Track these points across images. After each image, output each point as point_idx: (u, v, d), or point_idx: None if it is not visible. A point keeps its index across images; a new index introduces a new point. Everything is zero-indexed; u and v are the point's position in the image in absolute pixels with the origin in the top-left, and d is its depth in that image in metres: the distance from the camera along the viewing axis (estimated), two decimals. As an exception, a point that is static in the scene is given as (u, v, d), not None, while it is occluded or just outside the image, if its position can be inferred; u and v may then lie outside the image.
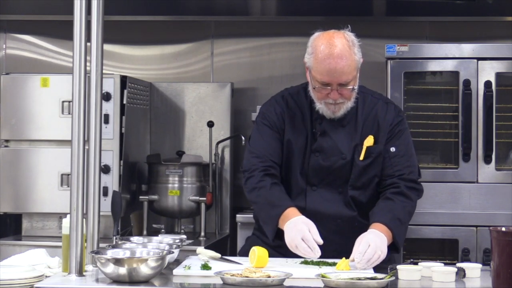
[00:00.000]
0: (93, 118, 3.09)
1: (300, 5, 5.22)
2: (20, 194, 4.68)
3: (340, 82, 3.30)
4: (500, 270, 2.70)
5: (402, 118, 3.47)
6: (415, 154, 3.49)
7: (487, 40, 5.00)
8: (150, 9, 5.43)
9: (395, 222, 3.28)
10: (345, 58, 3.28)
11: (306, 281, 2.87)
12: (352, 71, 3.30)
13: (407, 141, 3.46)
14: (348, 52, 3.30)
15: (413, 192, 3.41)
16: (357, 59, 3.32)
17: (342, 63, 3.28)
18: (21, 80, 4.71)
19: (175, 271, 2.99)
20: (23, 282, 2.83)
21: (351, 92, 3.35)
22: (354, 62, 3.30)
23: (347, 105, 3.37)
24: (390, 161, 3.41)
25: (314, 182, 3.44)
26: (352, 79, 3.32)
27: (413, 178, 3.42)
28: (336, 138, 3.42)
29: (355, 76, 3.33)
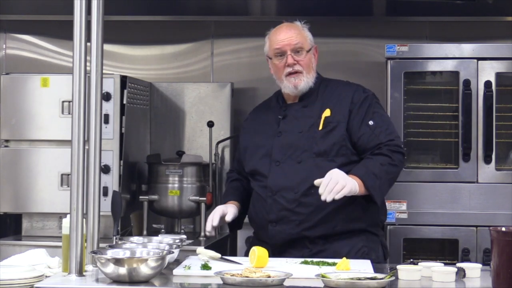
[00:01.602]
0: (93, 118, 3.09)
1: (300, 5, 5.22)
2: (20, 194, 4.67)
3: (293, 46, 3.65)
4: (500, 270, 2.70)
5: (368, 94, 3.70)
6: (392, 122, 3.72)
7: (487, 40, 5.00)
8: (150, 9, 5.43)
9: (368, 175, 3.46)
10: (293, 28, 3.70)
11: (306, 281, 2.88)
12: (302, 40, 3.68)
13: (381, 112, 3.69)
14: (297, 27, 3.71)
15: (395, 154, 3.56)
16: (308, 35, 3.71)
17: (291, 31, 3.69)
18: (21, 80, 4.71)
19: (175, 271, 2.99)
20: (23, 282, 2.83)
21: (305, 59, 3.66)
22: (303, 33, 3.70)
23: (307, 78, 3.68)
24: (372, 134, 3.60)
25: (277, 158, 3.66)
26: (306, 48, 3.67)
27: (396, 143, 3.59)
28: (297, 117, 3.69)
29: (307, 46, 3.68)
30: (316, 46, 3.78)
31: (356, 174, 3.46)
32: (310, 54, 3.71)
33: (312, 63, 3.73)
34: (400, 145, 3.59)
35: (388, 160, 3.52)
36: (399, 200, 4.59)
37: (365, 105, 3.65)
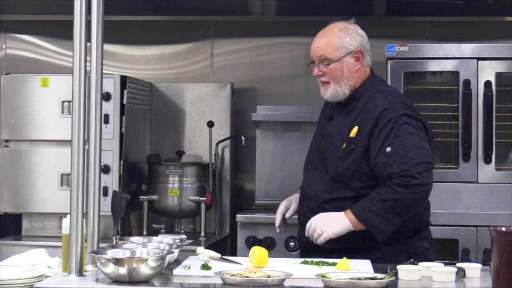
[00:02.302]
0: (93, 118, 3.09)
1: (300, 5, 5.22)
2: (20, 194, 4.68)
3: (318, 58, 3.57)
4: (500, 270, 2.70)
5: (396, 115, 3.45)
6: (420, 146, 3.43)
7: (487, 40, 5.00)
8: (150, 9, 5.43)
9: (364, 213, 3.38)
10: (325, 37, 3.58)
11: (306, 281, 2.87)
12: (329, 50, 3.54)
13: (404, 136, 3.43)
14: (331, 33, 3.58)
15: (404, 187, 3.35)
16: (340, 41, 3.55)
17: (320, 40, 3.58)
18: (21, 80, 4.71)
19: (175, 271, 2.99)
20: (23, 282, 2.83)
21: (330, 70, 3.54)
22: (334, 42, 3.55)
23: (335, 87, 3.56)
24: (387, 162, 3.41)
25: (314, 163, 3.66)
26: (332, 59, 3.54)
27: (409, 173, 3.36)
28: (336, 124, 3.61)
29: (336, 56, 3.54)
30: (358, 50, 3.56)
31: (352, 211, 3.40)
32: (339, 63, 3.55)
33: (344, 72, 3.54)
34: (413, 175, 3.35)
35: (393, 195, 3.35)
36: (399, 200, 4.58)
37: (388, 128, 3.43)
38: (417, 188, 3.38)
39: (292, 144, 5.23)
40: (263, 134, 5.22)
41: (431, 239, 3.67)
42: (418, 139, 3.44)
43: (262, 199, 5.20)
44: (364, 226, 3.38)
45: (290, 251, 4.73)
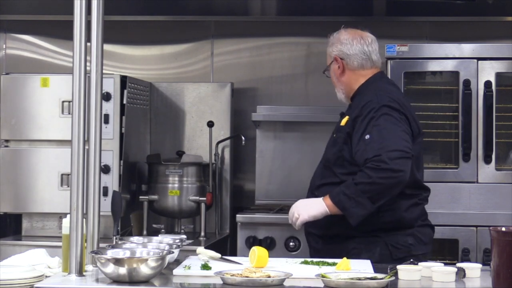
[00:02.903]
0: (93, 118, 3.09)
1: (300, 5, 5.22)
2: (20, 194, 4.68)
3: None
4: (500, 270, 2.70)
5: (378, 106, 3.58)
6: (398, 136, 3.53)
7: (487, 40, 5.00)
8: (150, 9, 5.43)
9: (338, 196, 3.52)
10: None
11: (306, 281, 2.87)
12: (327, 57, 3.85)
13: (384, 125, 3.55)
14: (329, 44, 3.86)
15: (375, 171, 3.45)
16: (328, 49, 3.85)
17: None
18: (21, 80, 4.71)
19: (175, 271, 2.99)
20: (23, 282, 2.83)
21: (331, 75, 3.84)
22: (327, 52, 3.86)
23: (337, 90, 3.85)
24: (365, 149, 3.53)
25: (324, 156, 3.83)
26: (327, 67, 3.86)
27: (381, 158, 3.45)
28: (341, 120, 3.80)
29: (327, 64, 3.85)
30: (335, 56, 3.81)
31: (329, 195, 3.55)
32: (331, 70, 3.85)
33: (333, 77, 3.85)
34: (384, 160, 3.45)
35: (365, 178, 3.47)
36: (399, 200, 4.59)
37: (368, 117, 3.57)
38: (387, 173, 3.45)
39: (292, 144, 5.23)
40: (263, 134, 5.22)
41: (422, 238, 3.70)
42: (397, 129, 3.55)
43: (262, 199, 5.20)
44: (338, 209, 3.51)
45: (290, 251, 4.73)
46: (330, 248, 3.62)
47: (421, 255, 3.61)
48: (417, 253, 3.60)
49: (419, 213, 3.72)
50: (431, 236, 3.78)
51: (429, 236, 3.76)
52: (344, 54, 3.79)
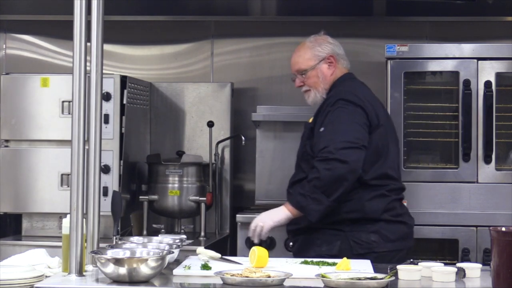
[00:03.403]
0: (93, 118, 3.09)
1: (300, 5, 5.22)
2: (20, 194, 4.67)
3: (296, 71, 3.98)
4: (500, 270, 2.70)
5: (335, 100, 3.74)
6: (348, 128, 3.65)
7: (487, 40, 5.00)
8: (150, 9, 5.43)
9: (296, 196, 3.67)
10: (298, 51, 4.00)
11: (306, 281, 2.88)
12: (302, 61, 3.95)
13: (338, 119, 3.68)
14: (303, 47, 4.00)
15: (319, 161, 3.60)
16: (312, 51, 3.95)
17: (294, 56, 4.01)
18: (21, 80, 4.71)
19: (175, 271, 2.99)
20: (23, 282, 2.83)
21: (308, 79, 3.94)
22: (306, 54, 3.96)
23: (315, 92, 3.92)
24: (318, 141, 3.68)
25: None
26: (307, 68, 3.93)
27: (328, 149, 3.59)
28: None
29: (311, 66, 3.93)
30: (330, 55, 3.95)
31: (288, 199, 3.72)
32: (314, 71, 3.94)
33: (320, 77, 3.93)
34: (331, 151, 3.58)
35: (315, 173, 3.60)
36: (399, 200, 4.59)
37: (325, 112, 3.74)
38: (333, 163, 3.56)
39: (292, 144, 5.22)
40: (263, 134, 5.22)
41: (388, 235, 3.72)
42: (349, 121, 3.68)
43: (262, 199, 5.20)
44: (297, 209, 3.65)
45: (290, 251, 4.72)
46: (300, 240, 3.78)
47: (385, 253, 3.65)
48: (379, 251, 3.65)
49: (384, 205, 3.74)
50: (402, 233, 3.79)
51: (400, 233, 3.77)
52: (336, 53, 3.97)
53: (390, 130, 3.90)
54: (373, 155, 3.71)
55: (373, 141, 3.70)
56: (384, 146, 3.78)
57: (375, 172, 3.72)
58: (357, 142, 3.61)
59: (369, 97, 3.84)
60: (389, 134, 3.86)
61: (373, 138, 3.71)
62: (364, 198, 3.71)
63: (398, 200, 3.83)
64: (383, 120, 3.80)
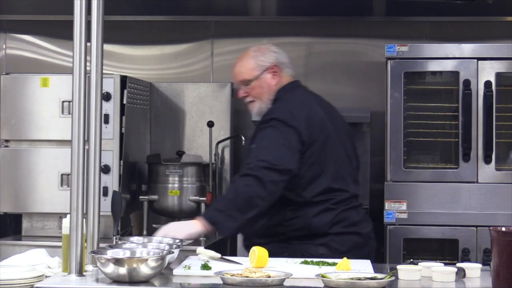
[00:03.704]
0: (93, 118, 3.09)
1: (300, 5, 5.22)
2: (20, 194, 4.67)
3: (239, 82, 3.88)
4: (500, 270, 2.70)
5: (268, 118, 3.66)
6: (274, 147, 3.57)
7: (487, 40, 5.00)
8: (150, 9, 5.43)
9: (211, 211, 3.59)
10: (241, 61, 3.89)
11: (306, 281, 2.88)
12: (245, 72, 3.84)
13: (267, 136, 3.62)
14: (246, 57, 3.87)
15: (240, 177, 3.55)
16: (255, 61, 3.83)
17: (237, 65, 3.90)
18: (21, 80, 4.71)
19: (175, 271, 2.99)
20: (23, 282, 2.83)
21: (252, 89, 3.83)
22: (250, 64, 3.84)
23: (260, 103, 3.83)
24: (248, 156, 3.65)
25: None
26: (251, 78, 3.82)
27: (249, 166, 3.53)
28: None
29: (255, 76, 3.82)
30: (271, 65, 3.82)
31: (203, 213, 3.68)
32: (258, 81, 3.82)
33: (264, 87, 3.82)
34: (251, 167, 3.51)
35: (231, 190, 3.59)
36: (399, 200, 4.59)
37: (260, 128, 3.68)
38: (249, 180, 3.49)
39: (292, 144, 5.22)
40: (263, 134, 5.21)
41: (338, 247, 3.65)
42: (277, 142, 3.59)
43: (262, 199, 5.19)
44: (211, 224, 3.52)
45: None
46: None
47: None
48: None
49: (331, 218, 3.67)
50: (354, 243, 3.71)
51: (351, 244, 3.70)
52: (280, 62, 3.87)
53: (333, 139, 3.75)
54: (310, 173, 3.63)
55: (309, 159, 3.62)
56: (321, 162, 3.67)
57: (315, 189, 3.64)
58: (279, 165, 3.51)
59: (308, 110, 3.71)
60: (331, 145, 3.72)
61: (309, 156, 3.63)
62: (309, 215, 3.64)
63: (350, 209, 3.73)
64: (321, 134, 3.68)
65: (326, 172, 3.68)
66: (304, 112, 3.70)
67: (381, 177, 4.87)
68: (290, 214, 3.65)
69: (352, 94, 5.39)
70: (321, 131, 3.69)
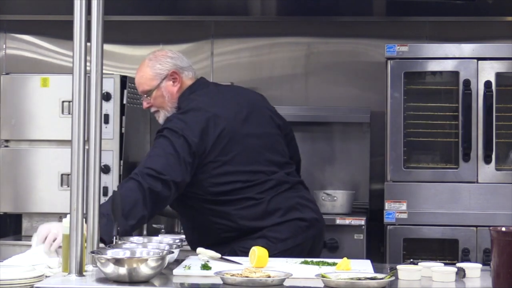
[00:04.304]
0: (93, 118, 3.09)
1: (300, 5, 5.22)
2: (20, 194, 4.68)
3: (141, 92, 3.77)
4: (500, 270, 2.70)
5: (164, 128, 3.57)
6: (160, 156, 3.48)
7: (487, 40, 5.00)
8: (150, 9, 5.43)
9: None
10: (140, 72, 3.78)
11: (306, 281, 2.87)
12: (146, 81, 3.73)
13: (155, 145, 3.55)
14: (143, 66, 3.76)
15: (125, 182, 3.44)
16: (152, 70, 3.73)
17: (137, 77, 3.78)
18: (21, 80, 4.71)
19: (175, 271, 2.99)
20: (23, 282, 2.83)
21: (154, 100, 3.72)
22: (148, 74, 3.73)
23: (164, 112, 3.71)
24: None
25: None
26: (151, 89, 3.72)
27: (136, 171, 3.44)
28: None
29: (154, 86, 3.71)
30: (170, 72, 3.70)
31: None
32: (158, 91, 3.72)
33: (165, 96, 3.71)
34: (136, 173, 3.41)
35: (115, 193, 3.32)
36: (399, 200, 4.59)
37: (155, 137, 3.59)
38: (133, 184, 3.40)
39: (292, 144, 5.22)
40: (263, 134, 5.21)
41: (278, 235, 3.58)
42: (164, 151, 3.49)
43: (262, 199, 5.19)
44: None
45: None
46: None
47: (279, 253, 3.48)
48: (273, 253, 3.39)
49: (261, 212, 3.60)
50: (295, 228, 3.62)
51: (292, 229, 3.61)
52: (178, 67, 3.75)
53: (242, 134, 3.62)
54: (219, 176, 3.56)
55: (210, 164, 3.55)
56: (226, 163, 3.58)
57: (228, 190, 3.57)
58: (165, 175, 3.42)
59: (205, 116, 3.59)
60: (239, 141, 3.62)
61: (210, 162, 3.55)
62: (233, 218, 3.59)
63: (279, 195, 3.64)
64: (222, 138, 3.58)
65: (235, 173, 3.60)
66: (201, 119, 3.58)
67: (381, 177, 4.88)
68: (214, 219, 3.60)
69: (352, 94, 5.40)
70: (220, 136, 3.58)
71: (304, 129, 5.25)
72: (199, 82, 3.81)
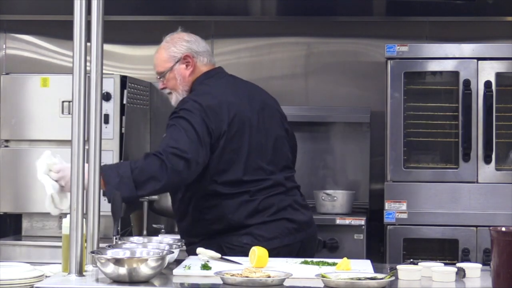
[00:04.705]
0: (93, 118, 3.09)
1: (300, 5, 5.23)
2: (20, 194, 4.67)
3: (157, 74, 3.84)
4: (500, 270, 2.70)
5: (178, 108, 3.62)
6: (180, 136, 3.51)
7: (487, 40, 5.00)
8: (150, 9, 5.43)
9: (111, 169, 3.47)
10: (156, 53, 3.84)
11: (306, 281, 2.87)
12: (160, 64, 3.80)
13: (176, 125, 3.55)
14: (160, 48, 3.83)
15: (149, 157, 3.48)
16: (167, 52, 3.80)
17: (154, 58, 3.85)
18: (21, 80, 4.71)
19: (175, 271, 2.99)
20: (23, 282, 2.83)
21: (167, 81, 3.79)
22: (163, 55, 3.80)
23: (176, 95, 3.78)
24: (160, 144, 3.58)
25: None
26: (164, 71, 3.79)
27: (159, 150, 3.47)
28: None
29: (168, 68, 3.78)
30: (183, 55, 3.73)
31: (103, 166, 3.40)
32: (171, 73, 3.77)
33: (178, 79, 3.76)
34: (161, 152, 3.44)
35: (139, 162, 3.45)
36: (399, 200, 4.60)
37: (171, 117, 3.60)
38: (153, 159, 3.45)
39: (292, 144, 5.22)
40: (263, 134, 5.21)
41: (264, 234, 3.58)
42: (182, 130, 3.51)
43: (262, 199, 5.19)
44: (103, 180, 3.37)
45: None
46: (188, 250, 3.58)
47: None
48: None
49: (250, 211, 3.60)
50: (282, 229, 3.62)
51: (278, 230, 3.61)
52: (193, 51, 3.77)
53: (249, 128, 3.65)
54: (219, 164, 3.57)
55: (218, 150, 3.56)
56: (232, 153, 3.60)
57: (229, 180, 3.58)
58: (185, 152, 3.44)
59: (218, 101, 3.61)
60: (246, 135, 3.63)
61: (218, 148, 3.56)
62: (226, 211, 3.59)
63: (272, 197, 3.64)
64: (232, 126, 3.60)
65: (237, 164, 3.60)
66: (214, 103, 3.60)
67: (381, 177, 4.88)
68: (206, 211, 3.61)
69: (352, 94, 5.40)
70: (231, 123, 3.60)
71: (304, 129, 5.25)
72: (216, 70, 3.85)
